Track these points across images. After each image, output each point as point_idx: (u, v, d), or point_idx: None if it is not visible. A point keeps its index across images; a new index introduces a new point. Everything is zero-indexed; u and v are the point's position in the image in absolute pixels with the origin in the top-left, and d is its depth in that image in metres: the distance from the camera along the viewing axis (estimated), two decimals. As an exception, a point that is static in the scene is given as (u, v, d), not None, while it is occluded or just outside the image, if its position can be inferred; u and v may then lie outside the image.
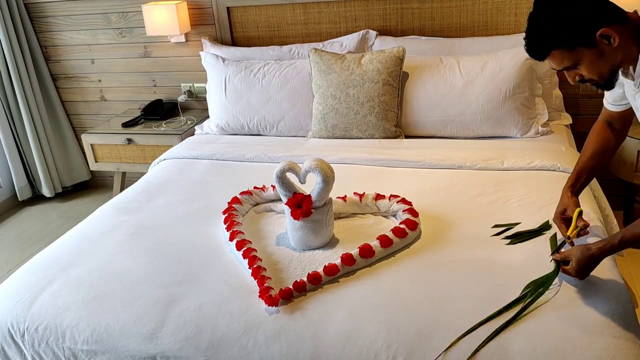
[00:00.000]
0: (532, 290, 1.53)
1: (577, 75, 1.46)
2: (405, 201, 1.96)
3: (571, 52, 1.40)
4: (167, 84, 3.50)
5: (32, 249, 3.18)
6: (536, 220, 1.85)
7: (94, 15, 3.42)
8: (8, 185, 3.74)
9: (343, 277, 1.66)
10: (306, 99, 2.78)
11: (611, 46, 1.38)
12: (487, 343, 1.38)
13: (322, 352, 1.43)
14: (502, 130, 2.58)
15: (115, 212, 2.18)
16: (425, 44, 2.86)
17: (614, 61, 1.42)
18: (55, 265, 1.84)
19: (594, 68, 1.43)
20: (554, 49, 1.41)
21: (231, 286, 1.65)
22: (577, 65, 1.43)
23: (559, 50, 1.41)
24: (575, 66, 1.44)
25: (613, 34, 1.36)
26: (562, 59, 1.43)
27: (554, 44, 1.40)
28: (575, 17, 1.36)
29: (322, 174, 1.74)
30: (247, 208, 2.09)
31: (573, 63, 1.43)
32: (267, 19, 3.12)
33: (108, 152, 3.28)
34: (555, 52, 1.42)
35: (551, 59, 1.44)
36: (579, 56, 1.41)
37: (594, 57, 1.40)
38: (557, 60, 1.44)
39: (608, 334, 1.37)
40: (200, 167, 2.54)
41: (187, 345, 1.51)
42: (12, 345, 1.67)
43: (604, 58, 1.40)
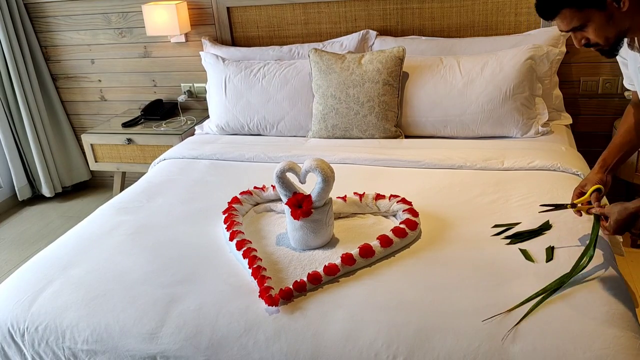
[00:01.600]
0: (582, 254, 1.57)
1: (584, 37, 1.47)
2: (405, 201, 1.96)
3: (581, 12, 1.42)
4: (167, 84, 3.50)
5: (32, 249, 3.18)
6: (536, 220, 1.85)
7: (94, 15, 3.43)
8: (8, 185, 3.74)
9: (343, 277, 1.66)
10: (306, 99, 2.78)
11: (620, 10, 1.38)
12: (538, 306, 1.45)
13: (322, 351, 1.43)
14: (502, 130, 2.58)
15: (115, 212, 2.18)
16: (425, 44, 2.86)
17: (622, 27, 1.43)
18: (55, 265, 1.84)
19: (601, 31, 1.44)
20: (565, 7, 1.42)
21: (231, 286, 1.65)
22: (584, 27, 1.44)
23: (569, 10, 1.42)
24: (583, 28, 1.45)
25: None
26: (571, 18, 1.44)
27: (564, 2, 1.42)
28: None
29: (322, 174, 1.74)
30: (247, 208, 2.09)
31: (581, 24, 1.44)
32: (267, 19, 3.12)
33: (108, 152, 3.28)
34: (565, 11, 1.43)
35: (560, 18, 1.45)
36: (588, 17, 1.42)
37: (602, 20, 1.42)
38: (566, 20, 1.45)
39: (608, 333, 1.37)
40: (200, 167, 2.54)
41: (187, 345, 1.51)
42: (12, 345, 1.67)
43: (612, 22, 1.42)
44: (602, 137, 2.91)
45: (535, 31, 2.76)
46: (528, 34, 2.76)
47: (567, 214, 1.88)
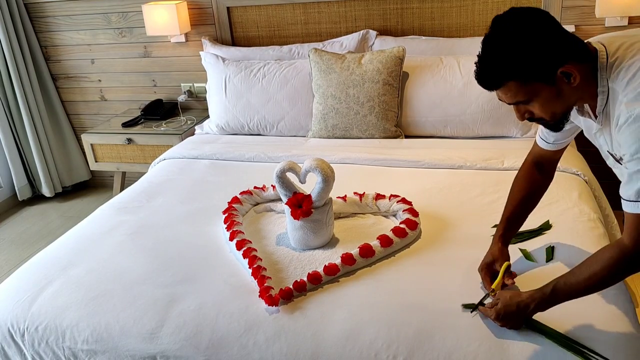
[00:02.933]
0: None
1: (527, 112, 1.33)
2: (406, 201, 1.96)
3: (527, 87, 1.26)
4: (167, 84, 3.50)
5: (32, 249, 3.18)
6: (536, 220, 1.85)
7: (94, 15, 3.42)
8: (8, 185, 3.74)
9: (343, 277, 1.66)
10: (306, 99, 2.78)
11: (570, 85, 1.25)
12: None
13: (322, 351, 1.43)
14: (502, 130, 2.58)
15: (115, 212, 2.18)
16: (425, 43, 2.85)
17: (570, 101, 1.31)
18: (55, 265, 1.84)
19: (548, 107, 1.30)
20: (510, 80, 1.26)
21: (231, 286, 1.65)
22: (530, 101, 1.29)
23: (515, 83, 1.26)
24: (528, 102, 1.30)
25: (575, 72, 1.23)
26: (516, 92, 1.28)
27: (511, 75, 1.25)
28: (539, 50, 1.22)
29: (322, 174, 1.74)
30: (247, 208, 2.09)
31: (527, 98, 1.28)
32: (267, 19, 3.12)
33: (108, 152, 3.28)
34: (510, 84, 1.27)
35: (504, 90, 1.29)
36: (534, 92, 1.27)
37: (550, 95, 1.27)
38: (510, 93, 1.29)
39: (608, 333, 1.37)
40: (200, 167, 2.54)
41: (187, 345, 1.51)
42: (12, 345, 1.67)
43: (561, 97, 1.28)
44: None
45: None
46: (528, 34, 2.76)
47: (567, 215, 1.89)
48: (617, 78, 1.25)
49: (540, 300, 1.36)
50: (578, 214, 1.89)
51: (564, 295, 1.34)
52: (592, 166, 2.32)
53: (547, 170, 1.66)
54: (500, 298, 1.42)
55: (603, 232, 1.82)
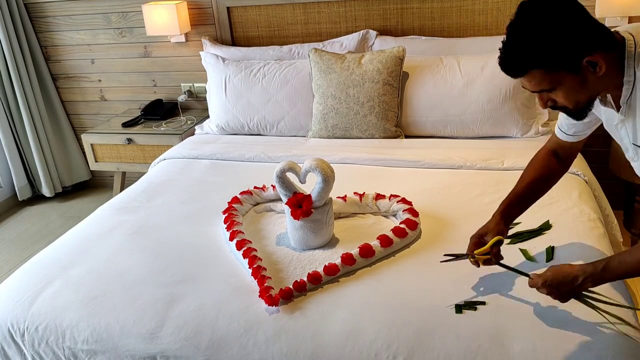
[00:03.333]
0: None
1: (550, 100, 1.32)
2: (406, 201, 1.96)
3: (552, 75, 1.25)
4: (167, 84, 3.50)
5: (32, 249, 3.18)
6: (536, 220, 1.85)
7: (94, 15, 3.42)
8: (8, 185, 3.74)
9: (343, 277, 1.66)
10: (306, 99, 2.78)
11: (595, 75, 1.24)
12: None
13: (322, 351, 1.43)
14: (502, 130, 2.58)
15: (115, 212, 2.18)
16: (425, 44, 2.85)
17: (594, 91, 1.30)
18: (55, 265, 1.84)
19: (572, 96, 1.29)
20: (535, 68, 1.25)
21: (231, 286, 1.65)
22: (554, 89, 1.28)
23: (540, 71, 1.25)
24: (552, 90, 1.29)
25: (601, 61, 1.22)
26: (540, 80, 1.27)
27: (536, 63, 1.24)
28: (565, 38, 1.21)
29: (322, 174, 1.74)
30: (247, 208, 2.09)
31: (551, 87, 1.28)
32: (267, 19, 3.12)
33: (108, 152, 3.28)
34: (535, 72, 1.26)
35: (528, 78, 1.29)
36: (559, 80, 1.26)
37: (574, 84, 1.26)
38: (534, 81, 1.28)
39: (608, 334, 1.37)
40: (200, 167, 2.54)
41: (187, 345, 1.51)
42: (12, 345, 1.67)
43: (585, 86, 1.27)
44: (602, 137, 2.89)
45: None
46: (528, 34, 2.76)
47: (567, 215, 1.89)
48: None
49: (590, 275, 1.33)
50: (578, 214, 1.89)
51: (617, 273, 1.33)
52: (592, 166, 2.32)
53: (564, 159, 1.65)
54: (549, 270, 1.38)
55: (603, 232, 1.82)
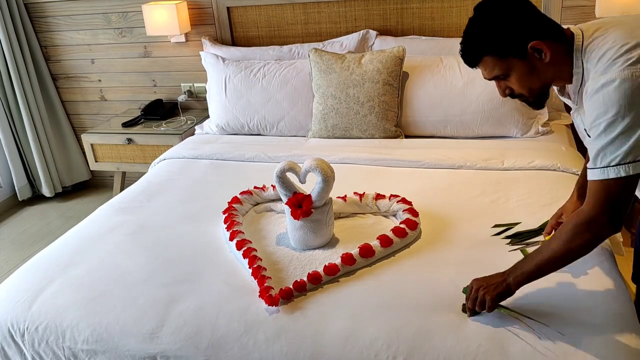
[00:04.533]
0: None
1: (507, 87, 1.43)
2: (406, 201, 1.96)
3: (502, 61, 1.38)
4: (167, 83, 3.50)
5: (32, 249, 3.18)
6: (536, 220, 1.85)
7: (94, 15, 3.42)
8: (8, 185, 3.74)
9: (343, 277, 1.66)
10: (306, 98, 2.78)
11: (542, 61, 1.35)
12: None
13: (322, 351, 1.43)
14: (502, 130, 2.58)
15: (115, 211, 2.18)
16: (425, 43, 2.86)
17: (545, 78, 1.40)
18: (55, 265, 1.84)
19: (524, 82, 1.40)
20: (486, 55, 1.39)
21: (231, 286, 1.65)
22: (507, 76, 1.40)
23: (491, 58, 1.38)
24: (506, 77, 1.40)
25: (545, 48, 1.33)
26: (493, 66, 1.40)
27: (485, 50, 1.38)
28: (509, 26, 1.35)
29: (322, 174, 1.74)
30: (247, 208, 2.09)
31: (503, 73, 1.40)
32: (267, 19, 3.12)
33: (108, 152, 3.28)
34: (487, 59, 1.39)
35: (483, 66, 1.42)
36: (510, 66, 1.38)
37: (524, 70, 1.38)
38: (488, 68, 1.41)
39: (608, 334, 1.37)
40: (200, 167, 2.54)
41: (187, 345, 1.51)
42: (12, 344, 1.67)
43: (535, 73, 1.38)
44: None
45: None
46: (528, 34, 2.76)
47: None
48: (591, 57, 1.34)
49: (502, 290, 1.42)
50: (578, 214, 1.89)
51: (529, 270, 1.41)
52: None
53: None
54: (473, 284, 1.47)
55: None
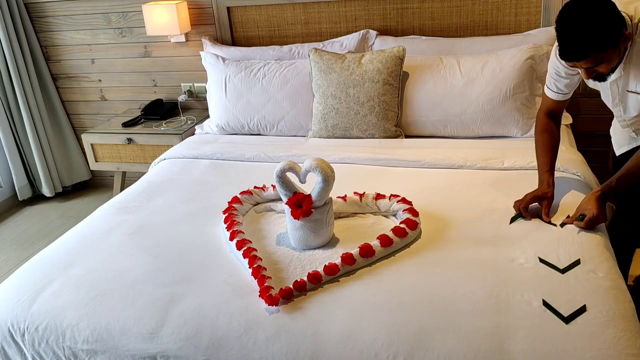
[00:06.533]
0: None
1: (594, 72, 1.63)
2: (406, 201, 1.96)
3: (604, 54, 1.56)
4: (167, 83, 3.50)
5: (32, 249, 3.18)
6: (536, 220, 1.85)
7: (94, 15, 3.42)
8: (8, 185, 3.74)
9: (343, 277, 1.66)
10: (306, 98, 2.78)
11: (624, 44, 1.59)
12: None
13: (323, 351, 1.43)
14: (502, 130, 2.58)
15: (115, 211, 2.18)
16: (425, 43, 2.85)
17: (621, 56, 1.63)
18: (55, 264, 1.84)
19: (611, 65, 1.62)
20: (593, 53, 1.55)
21: (231, 286, 1.65)
22: (601, 63, 1.59)
23: (596, 54, 1.56)
24: (599, 64, 1.60)
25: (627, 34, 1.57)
26: (595, 60, 1.58)
27: (594, 49, 1.54)
28: (613, 22, 1.53)
29: (323, 174, 1.74)
30: (247, 208, 2.09)
31: (600, 62, 1.59)
32: (268, 19, 3.12)
33: (108, 151, 3.28)
34: (593, 55, 1.56)
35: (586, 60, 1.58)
36: (608, 56, 1.58)
37: (615, 56, 1.60)
38: (590, 61, 1.59)
39: (608, 334, 1.37)
40: (201, 166, 2.54)
41: (187, 345, 1.51)
42: (12, 344, 1.67)
43: (619, 55, 1.61)
44: (602, 137, 2.90)
45: (535, 31, 2.76)
46: (528, 34, 2.76)
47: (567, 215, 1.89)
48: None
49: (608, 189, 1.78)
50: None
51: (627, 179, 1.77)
52: (592, 166, 2.32)
53: (558, 119, 2.05)
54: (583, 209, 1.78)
55: (603, 233, 1.82)
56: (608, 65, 1.61)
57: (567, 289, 1.52)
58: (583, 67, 1.62)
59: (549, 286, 1.54)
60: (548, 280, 1.57)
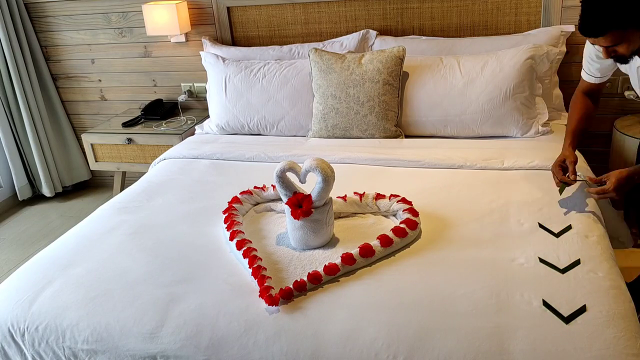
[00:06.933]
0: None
1: (614, 51, 1.65)
2: (406, 201, 1.96)
3: (625, 32, 1.58)
4: (167, 83, 3.50)
5: (32, 249, 3.18)
6: (536, 219, 1.85)
7: (94, 15, 3.43)
8: (8, 185, 3.74)
9: (343, 277, 1.66)
10: (306, 98, 2.78)
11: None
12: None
13: (323, 351, 1.43)
14: (502, 130, 2.58)
15: (115, 211, 2.18)
16: (425, 43, 2.85)
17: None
18: (55, 264, 1.84)
19: (632, 46, 1.63)
20: (614, 29, 1.56)
21: (231, 286, 1.65)
22: (621, 43, 1.61)
23: (617, 31, 1.57)
24: (619, 44, 1.61)
25: None
26: (613, 38, 1.59)
27: (615, 25, 1.55)
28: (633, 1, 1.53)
29: (322, 174, 1.74)
30: (247, 208, 2.09)
31: (620, 42, 1.60)
32: (267, 19, 3.12)
33: (108, 151, 3.28)
34: (613, 32, 1.58)
35: (605, 37, 1.60)
36: (628, 36, 1.59)
37: (636, 38, 1.60)
38: (610, 39, 1.60)
39: (608, 334, 1.37)
40: (201, 166, 2.54)
41: (187, 345, 1.51)
42: (12, 344, 1.67)
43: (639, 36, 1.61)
44: (602, 137, 2.91)
45: (535, 31, 2.76)
46: (528, 34, 2.76)
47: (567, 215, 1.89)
48: None
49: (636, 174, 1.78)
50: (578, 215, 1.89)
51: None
52: (592, 166, 2.32)
53: (596, 98, 2.10)
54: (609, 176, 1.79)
55: (603, 232, 1.82)
56: (628, 46, 1.61)
57: (567, 289, 1.52)
58: (602, 46, 1.64)
59: (549, 286, 1.54)
60: (548, 280, 1.57)
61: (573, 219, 1.85)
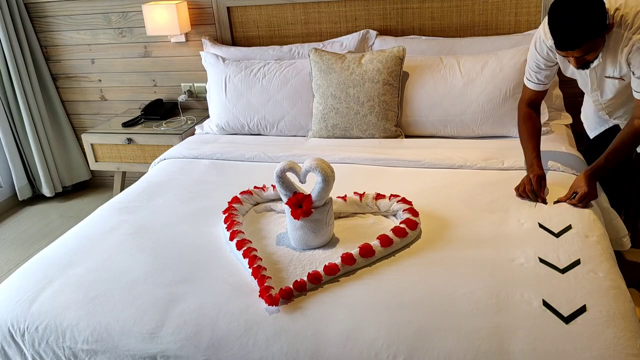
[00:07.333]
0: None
1: (583, 60, 1.73)
2: (406, 201, 1.96)
3: (595, 41, 1.67)
4: (167, 83, 3.50)
5: (32, 249, 3.18)
6: (535, 219, 1.85)
7: (94, 15, 3.42)
8: (8, 185, 3.74)
9: (343, 277, 1.66)
10: (306, 98, 2.78)
11: (607, 32, 1.71)
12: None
13: (323, 351, 1.43)
14: (502, 130, 2.58)
15: (115, 211, 2.18)
16: (425, 43, 2.86)
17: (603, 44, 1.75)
18: (55, 264, 1.84)
19: (597, 52, 1.72)
20: (587, 40, 1.65)
21: (231, 286, 1.65)
22: (591, 51, 1.69)
23: (591, 41, 1.66)
24: (590, 52, 1.70)
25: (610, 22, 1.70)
26: (587, 48, 1.68)
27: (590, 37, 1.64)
28: (602, 11, 1.64)
29: (322, 174, 1.74)
30: (247, 208, 2.09)
31: (591, 49, 1.68)
32: (268, 19, 3.12)
33: (108, 151, 3.28)
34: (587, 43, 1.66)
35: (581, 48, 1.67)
36: (597, 44, 1.68)
37: (601, 44, 1.71)
38: (583, 50, 1.68)
39: (608, 334, 1.37)
40: (201, 166, 2.54)
41: (187, 345, 1.51)
42: (12, 344, 1.67)
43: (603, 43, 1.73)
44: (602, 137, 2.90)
45: (535, 31, 2.76)
46: (528, 34, 2.76)
47: (567, 215, 1.88)
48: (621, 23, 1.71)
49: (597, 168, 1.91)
50: (578, 215, 1.89)
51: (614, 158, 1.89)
52: (592, 166, 2.32)
53: (538, 108, 2.20)
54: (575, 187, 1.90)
55: (603, 232, 1.82)
56: (595, 53, 1.71)
57: (567, 289, 1.52)
58: (575, 56, 1.71)
59: (549, 286, 1.54)
60: (548, 280, 1.57)
61: (573, 219, 1.85)
